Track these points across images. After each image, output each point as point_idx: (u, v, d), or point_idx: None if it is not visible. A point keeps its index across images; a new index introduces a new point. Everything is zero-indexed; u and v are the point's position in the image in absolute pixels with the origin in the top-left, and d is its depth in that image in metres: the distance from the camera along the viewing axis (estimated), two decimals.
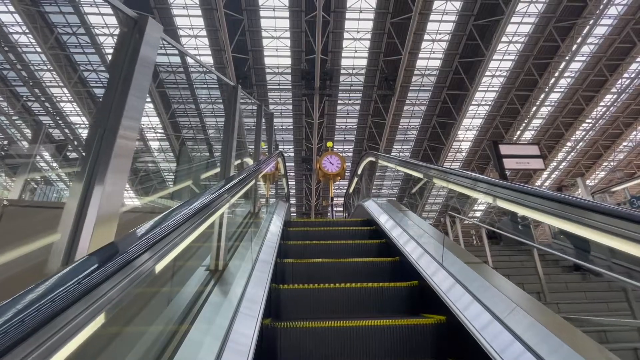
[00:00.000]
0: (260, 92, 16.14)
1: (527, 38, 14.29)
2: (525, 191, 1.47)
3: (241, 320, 1.55)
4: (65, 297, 0.50)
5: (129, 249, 0.72)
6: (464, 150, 20.48)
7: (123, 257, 0.68)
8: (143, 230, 0.84)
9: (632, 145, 19.29)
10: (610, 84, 16.10)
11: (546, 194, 1.36)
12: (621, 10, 13.28)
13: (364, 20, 13.41)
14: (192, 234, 1.13)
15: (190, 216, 1.09)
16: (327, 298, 2.21)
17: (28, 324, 0.43)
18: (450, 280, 1.86)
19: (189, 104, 15.88)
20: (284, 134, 18.80)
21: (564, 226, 1.25)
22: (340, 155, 7.64)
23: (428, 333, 1.74)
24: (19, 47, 13.01)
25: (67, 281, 0.53)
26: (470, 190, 1.99)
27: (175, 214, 1.02)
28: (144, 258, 0.76)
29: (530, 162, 6.04)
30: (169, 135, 15.58)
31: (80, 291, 0.54)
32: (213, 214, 1.43)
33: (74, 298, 0.52)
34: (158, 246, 0.84)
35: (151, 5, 12.23)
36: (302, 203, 23.56)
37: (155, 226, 0.88)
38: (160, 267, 0.89)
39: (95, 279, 0.57)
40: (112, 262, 0.64)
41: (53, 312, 0.47)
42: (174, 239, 0.95)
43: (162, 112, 14.60)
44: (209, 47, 13.79)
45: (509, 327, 1.34)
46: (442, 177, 2.57)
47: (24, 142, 12.71)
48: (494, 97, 17.08)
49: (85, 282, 0.55)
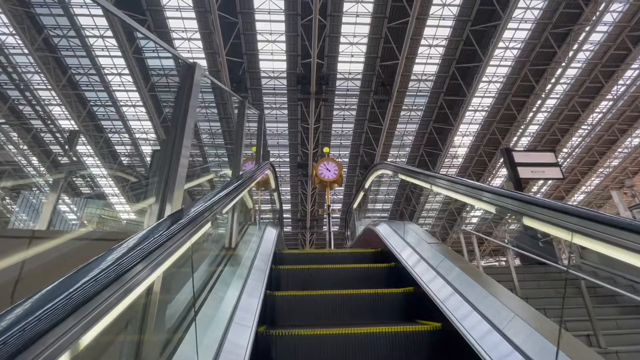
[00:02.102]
0: (255, 96, 15.88)
1: (524, 44, 14.26)
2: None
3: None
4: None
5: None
6: (461, 156, 20.37)
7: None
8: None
9: (627, 152, 19.33)
10: (605, 90, 16.13)
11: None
12: (617, 17, 13.32)
13: (360, 25, 13.27)
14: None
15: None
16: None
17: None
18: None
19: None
20: (279, 138, 18.53)
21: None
22: (337, 162, 7.36)
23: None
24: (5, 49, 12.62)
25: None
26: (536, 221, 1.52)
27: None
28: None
29: (546, 170, 5.62)
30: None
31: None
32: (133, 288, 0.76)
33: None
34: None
35: (143, 7, 11.96)
36: (298, 209, 23.22)
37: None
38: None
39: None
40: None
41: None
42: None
43: (154, 116, 14.25)
44: (202, 50, 13.53)
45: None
46: (500, 203, 1.83)
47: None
48: (490, 103, 17.02)
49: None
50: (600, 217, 1.09)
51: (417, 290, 2.31)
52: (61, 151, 10.10)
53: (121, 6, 10.98)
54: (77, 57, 13.38)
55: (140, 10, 11.90)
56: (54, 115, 14.28)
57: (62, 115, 14.32)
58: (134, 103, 15.10)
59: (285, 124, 17.63)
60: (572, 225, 1.29)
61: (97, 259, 0.68)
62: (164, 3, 12.02)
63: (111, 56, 13.23)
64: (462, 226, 23.39)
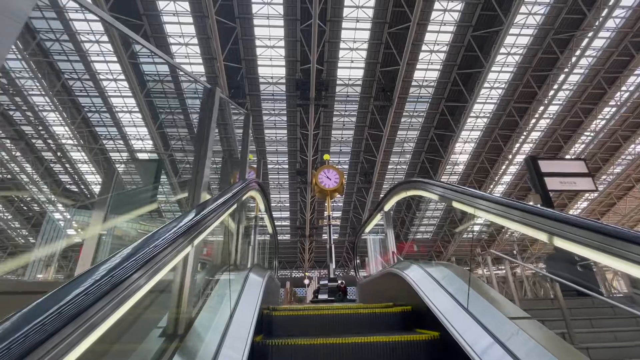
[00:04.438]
0: (253, 102, 15.63)
1: (526, 50, 14.10)
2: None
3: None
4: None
5: None
6: (462, 163, 20.10)
7: None
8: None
9: (630, 158, 19.08)
10: (608, 96, 15.94)
11: None
12: (619, 23, 13.18)
13: (360, 30, 13.09)
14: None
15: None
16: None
17: None
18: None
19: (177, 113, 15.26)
20: (278, 145, 18.24)
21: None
22: (338, 169, 7.03)
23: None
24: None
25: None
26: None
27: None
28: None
29: (577, 181, 5.06)
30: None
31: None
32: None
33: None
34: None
35: (140, 12, 11.75)
36: (297, 217, 22.84)
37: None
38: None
39: None
40: None
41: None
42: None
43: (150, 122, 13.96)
44: (200, 56, 13.30)
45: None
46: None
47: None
48: (492, 110, 16.81)
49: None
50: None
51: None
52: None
53: (117, 11, 10.77)
54: (71, 62, 13.13)
55: (136, 15, 11.69)
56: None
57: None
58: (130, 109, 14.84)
59: (284, 131, 17.36)
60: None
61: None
62: (160, 8, 11.82)
63: (106, 61, 12.99)
64: (464, 235, 22.96)
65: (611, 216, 23.38)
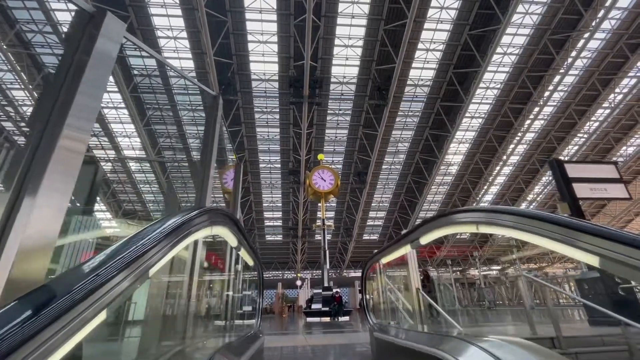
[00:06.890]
0: (245, 99, 15.19)
1: (522, 50, 13.96)
2: None
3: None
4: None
5: None
6: (457, 164, 19.97)
7: None
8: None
9: (622, 160, 19.18)
10: (602, 98, 15.95)
11: None
12: (615, 25, 13.12)
13: (356, 27, 12.77)
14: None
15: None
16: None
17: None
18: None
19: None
20: (270, 144, 17.82)
21: None
22: (333, 170, 6.68)
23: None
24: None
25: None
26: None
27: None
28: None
29: (609, 188, 4.42)
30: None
31: None
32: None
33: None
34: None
35: (126, 3, 11.22)
36: (289, 217, 22.45)
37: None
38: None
39: None
40: None
41: None
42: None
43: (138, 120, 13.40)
44: (189, 50, 12.80)
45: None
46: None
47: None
48: (487, 110, 16.68)
49: None
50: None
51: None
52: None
53: (101, 1, 10.22)
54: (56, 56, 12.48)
55: (122, 7, 11.15)
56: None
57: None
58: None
59: (276, 129, 16.95)
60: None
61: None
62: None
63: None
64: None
65: (601, 217, 23.57)
